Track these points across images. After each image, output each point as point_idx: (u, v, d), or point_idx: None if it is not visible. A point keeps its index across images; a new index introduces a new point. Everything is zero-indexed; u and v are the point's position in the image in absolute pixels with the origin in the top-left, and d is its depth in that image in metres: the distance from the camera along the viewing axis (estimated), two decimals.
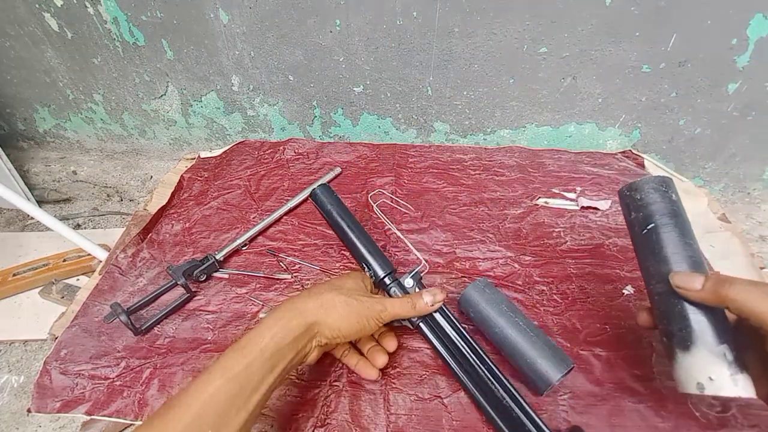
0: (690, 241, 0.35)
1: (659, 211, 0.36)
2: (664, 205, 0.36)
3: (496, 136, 0.81)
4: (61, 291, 0.73)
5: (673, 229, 0.35)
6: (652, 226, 0.35)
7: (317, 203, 0.55)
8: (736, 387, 0.29)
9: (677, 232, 0.35)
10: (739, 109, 0.70)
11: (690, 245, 0.34)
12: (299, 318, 0.36)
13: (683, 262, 0.34)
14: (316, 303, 0.38)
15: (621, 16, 0.62)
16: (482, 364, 0.41)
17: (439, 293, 0.42)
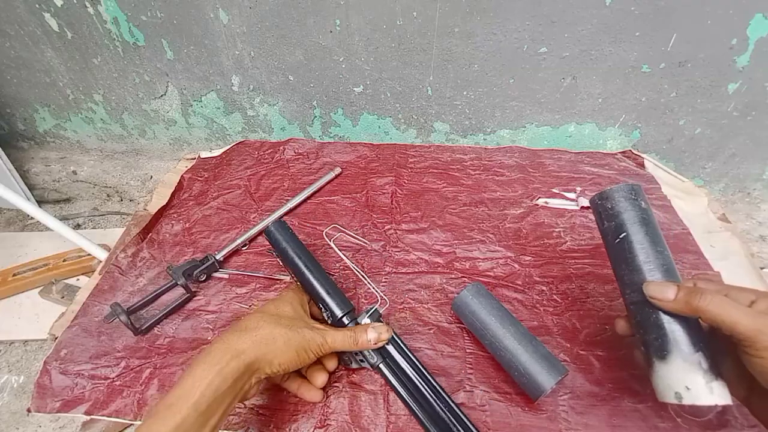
0: (661, 249, 0.35)
1: (630, 220, 0.36)
2: (635, 214, 0.36)
3: (496, 136, 0.81)
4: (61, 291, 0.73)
5: (644, 238, 0.35)
6: (624, 235, 0.36)
7: (271, 241, 0.52)
8: (712, 395, 0.30)
9: (649, 241, 0.35)
10: (739, 109, 0.69)
11: (662, 253, 0.35)
12: (236, 360, 0.34)
13: (656, 271, 0.34)
14: (254, 340, 0.36)
15: (621, 16, 0.62)
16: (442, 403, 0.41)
17: (384, 332, 0.41)
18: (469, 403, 0.42)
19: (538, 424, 0.40)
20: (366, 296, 0.52)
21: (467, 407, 0.42)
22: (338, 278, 0.54)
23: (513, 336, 0.41)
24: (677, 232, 0.59)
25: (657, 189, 0.66)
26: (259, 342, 0.36)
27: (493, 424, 0.40)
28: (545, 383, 0.38)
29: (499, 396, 0.42)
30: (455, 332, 0.48)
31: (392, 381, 0.42)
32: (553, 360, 0.40)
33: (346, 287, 0.53)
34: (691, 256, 0.55)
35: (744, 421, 0.39)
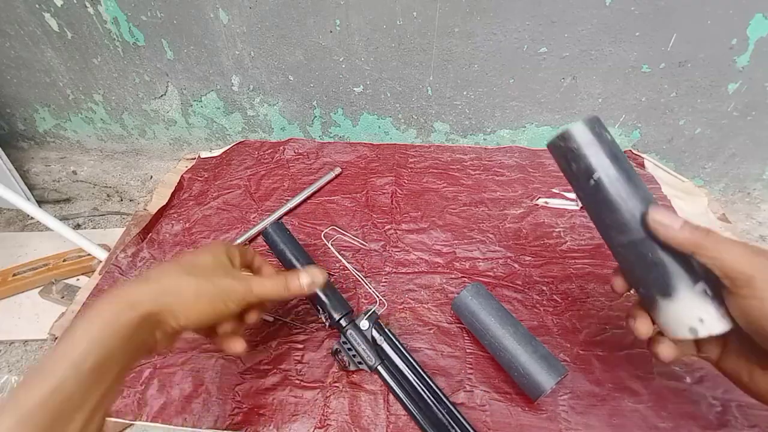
0: (637, 180, 0.32)
1: (601, 157, 0.32)
2: (604, 148, 0.32)
3: (496, 136, 0.81)
4: (61, 291, 0.73)
5: (620, 173, 0.32)
6: (598, 175, 0.32)
7: (269, 242, 0.52)
8: (725, 321, 0.29)
9: (624, 176, 0.32)
10: (739, 109, 0.69)
11: (639, 185, 0.32)
12: (129, 311, 0.29)
13: (640, 204, 0.31)
14: (153, 290, 0.31)
15: (621, 16, 0.62)
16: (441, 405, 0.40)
17: (319, 275, 0.38)
18: (469, 403, 0.42)
19: (538, 424, 0.40)
20: (366, 297, 0.52)
21: (467, 407, 0.42)
22: (338, 279, 0.54)
23: (512, 336, 0.41)
24: None
25: (657, 189, 0.66)
26: (161, 292, 0.31)
27: (493, 424, 0.40)
28: (545, 383, 0.38)
29: (499, 396, 0.42)
30: (455, 332, 0.48)
31: (390, 383, 0.42)
32: (552, 360, 0.40)
33: (346, 288, 0.53)
34: None
35: (744, 420, 0.39)
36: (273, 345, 0.47)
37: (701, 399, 0.41)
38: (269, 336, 0.48)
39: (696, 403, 0.41)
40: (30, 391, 0.24)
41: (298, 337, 0.48)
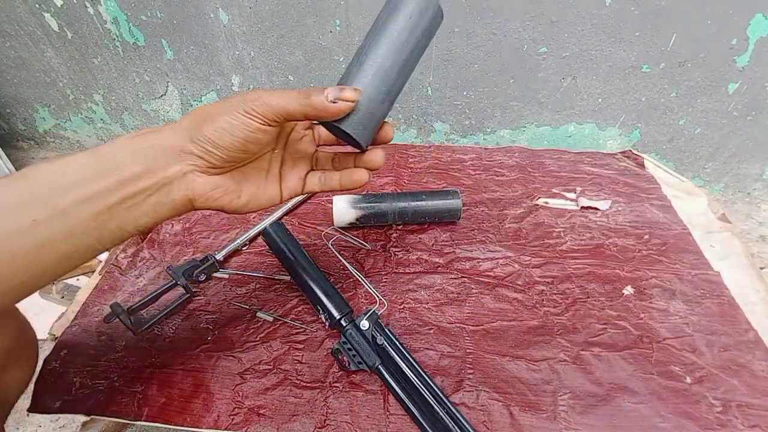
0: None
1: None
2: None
3: (496, 136, 0.81)
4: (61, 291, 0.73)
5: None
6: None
7: (269, 242, 0.52)
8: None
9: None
10: (739, 109, 0.70)
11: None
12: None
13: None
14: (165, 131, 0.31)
15: (621, 16, 0.62)
16: (441, 405, 0.40)
17: (349, 91, 0.32)
18: (469, 403, 0.42)
19: (538, 424, 0.40)
20: (366, 297, 0.52)
21: (467, 407, 0.42)
22: (338, 279, 0.54)
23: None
24: (677, 232, 0.59)
25: (657, 189, 0.66)
26: (182, 125, 0.31)
27: (492, 424, 0.40)
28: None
29: (499, 396, 0.42)
30: (455, 332, 0.48)
31: (390, 383, 0.42)
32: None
33: (346, 287, 0.53)
34: (691, 256, 0.55)
35: (744, 420, 0.39)
36: (273, 345, 0.47)
37: (701, 399, 0.41)
38: (269, 336, 0.48)
39: (696, 403, 0.41)
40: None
41: (298, 337, 0.48)
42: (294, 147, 0.38)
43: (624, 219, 0.61)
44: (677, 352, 0.45)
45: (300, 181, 0.38)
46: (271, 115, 0.31)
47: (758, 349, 0.45)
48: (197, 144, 0.30)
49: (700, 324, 0.48)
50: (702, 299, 0.50)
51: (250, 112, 0.30)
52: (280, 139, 0.37)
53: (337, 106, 0.31)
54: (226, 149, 0.31)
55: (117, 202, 0.28)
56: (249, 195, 0.35)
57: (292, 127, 0.38)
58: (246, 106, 0.30)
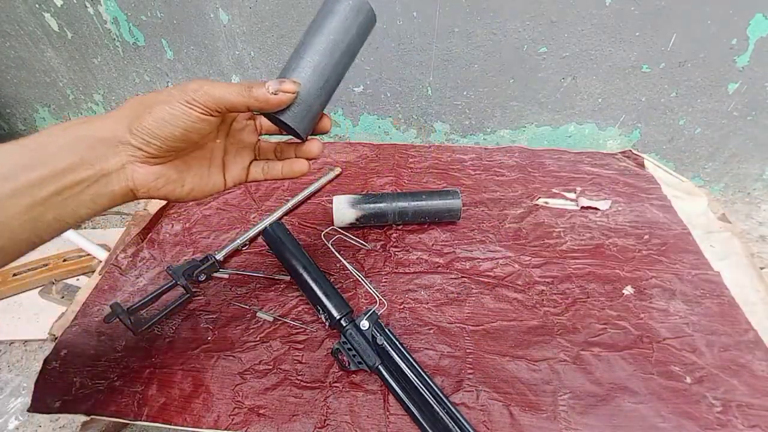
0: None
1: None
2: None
3: (496, 136, 0.81)
4: (61, 291, 0.73)
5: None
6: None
7: (269, 242, 0.52)
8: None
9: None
10: (739, 109, 0.70)
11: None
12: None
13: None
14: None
15: (621, 16, 0.62)
16: (441, 405, 0.40)
17: (289, 83, 0.33)
18: (469, 403, 0.42)
19: (537, 424, 0.40)
20: (366, 297, 0.52)
21: (467, 407, 0.42)
22: (338, 279, 0.54)
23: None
24: (677, 232, 0.59)
25: (657, 189, 0.66)
26: (115, 116, 0.30)
27: (492, 424, 0.40)
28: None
29: (499, 396, 0.42)
30: (455, 332, 0.48)
31: (390, 383, 0.42)
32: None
33: (346, 287, 0.53)
34: (691, 256, 0.55)
35: (744, 420, 0.39)
36: (273, 345, 0.47)
37: (701, 399, 0.41)
38: (269, 336, 0.48)
39: (696, 403, 0.41)
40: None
41: (298, 337, 0.48)
42: (236, 137, 0.39)
43: (624, 219, 0.61)
44: (677, 352, 0.45)
45: (243, 170, 0.39)
46: (213, 106, 0.31)
47: (758, 349, 0.45)
48: (136, 135, 0.30)
49: (700, 324, 0.48)
50: (702, 299, 0.50)
51: (192, 102, 0.30)
52: (222, 129, 0.38)
53: (278, 97, 0.32)
54: (166, 139, 0.31)
55: (52, 193, 0.28)
56: (192, 184, 0.35)
57: (234, 117, 0.38)
58: (187, 96, 0.30)
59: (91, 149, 0.29)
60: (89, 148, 0.29)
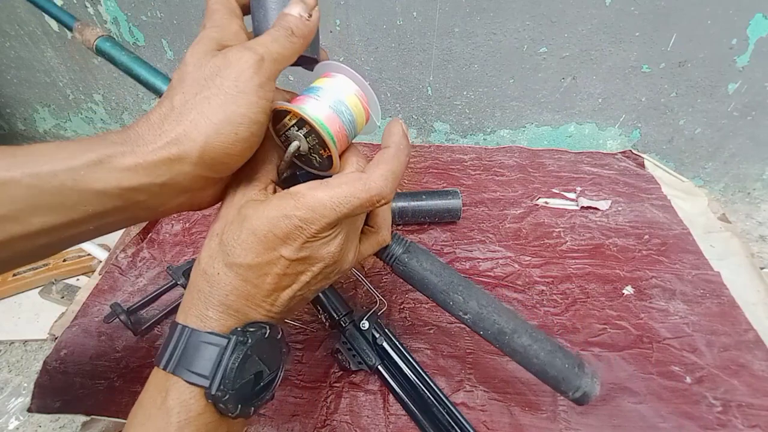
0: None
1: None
2: None
3: (496, 136, 0.81)
4: (61, 291, 0.73)
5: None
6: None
7: None
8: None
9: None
10: (739, 109, 0.69)
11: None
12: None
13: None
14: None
15: (621, 16, 0.62)
16: (441, 405, 0.40)
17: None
18: (469, 403, 0.42)
19: (537, 424, 0.40)
20: (366, 297, 0.52)
21: (467, 407, 0.42)
22: (338, 279, 0.54)
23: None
24: (677, 232, 0.59)
25: (657, 189, 0.66)
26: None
27: (492, 424, 0.40)
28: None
29: (499, 396, 0.42)
30: (455, 332, 0.48)
31: (391, 383, 0.42)
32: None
33: (346, 288, 0.53)
34: (691, 256, 0.55)
35: (744, 420, 0.39)
36: None
37: (701, 399, 0.41)
38: None
39: (696, 403, 0.41)
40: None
41: (298, 337, 0.48)
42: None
43: (624, 219, 0.61)
44: (677, 352, 0.45)
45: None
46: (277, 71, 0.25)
47: (758, 349, 0.45)
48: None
49: (700, 324, 0.48)
50: (702, 299, 0.50)
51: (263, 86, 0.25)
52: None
53: (314, 20, 0.27)
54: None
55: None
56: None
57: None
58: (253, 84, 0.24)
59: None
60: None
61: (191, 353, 0.24)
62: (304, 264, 0.26)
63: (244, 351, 0.24)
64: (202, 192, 0.27)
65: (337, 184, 0.24)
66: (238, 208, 0.26)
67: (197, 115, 0.23)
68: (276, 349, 0.27)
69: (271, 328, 0.26)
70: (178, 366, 0.24)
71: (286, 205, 0.24)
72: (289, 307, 0.28)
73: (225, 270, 0.25)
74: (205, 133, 0.23)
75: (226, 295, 0.25)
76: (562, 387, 0.30)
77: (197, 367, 0.23)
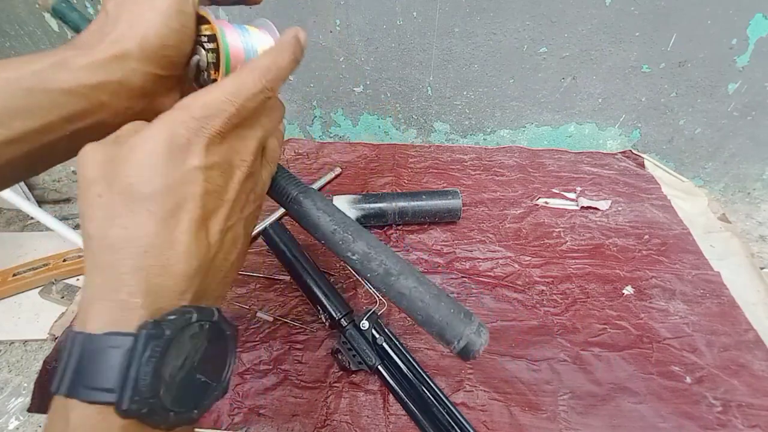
0: None
1: None
2: None
3: (496, 136, 0.81)
4: (61, 291, 0.73)
5: None
6: None
7: (269, 242, 0.52)
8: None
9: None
10: (739, 109, 0.70)
11: None
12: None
13: None
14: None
15: (621, 16, 0.62)
16: (441, 405, 0.40)
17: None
18: (469, 403, 0.42)
19: (537, 424, 0.40)
20: (366, 297, 0.52)
21: (467, 407, 0.42)
22: (338, 279, 0.54)
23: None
24: (677, 232, 0.59)
25: (657, 189, 0.66)
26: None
27: (492, 424, 0.40)
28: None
29: (499, 396, 0.42)
30: None
31: (391, 383, 0.42)
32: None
33: (346, 287, 0.53)
34: (691, 256, 0.55)
35: (744, 420, 0.39)
36: (273, 345, 0.47)
37: (701, 399, 0.41)
38: (269, 336, 0.48)
39: (696, 403, 0.41)
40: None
41: (298, 337, 0.48)
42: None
43: (624, 219, 0.61)
44: (677, 352, 0.45)
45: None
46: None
47: (758, 349, 0.45)
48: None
49: (700, 324, 0.48)
50: (702, 299, 0.50)
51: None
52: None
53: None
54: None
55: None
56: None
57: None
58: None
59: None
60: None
61: (88, 365, 0.19)
62: (223, 174, 0.23)
63: (162, 347, 0.19)
64: (161, 97, 0.28)
65: (222, 82, 0.23)
66: (115, 143, 0.22)
67: (130, 15, 0.26)
68: (213, 332, 0.22)
69: (198, 311, 0.21)
70: (74, 385, 0.19)
71: (178, 115, 0.22)
72: (225, 250, 0.24)
73: (130, 217, 0.20)
74: (141, 28, 0.25)
75: (143, 254, 0.20)
76: (447, 335, 0.28)
77: (93, 381, 0.19)
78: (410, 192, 0.59)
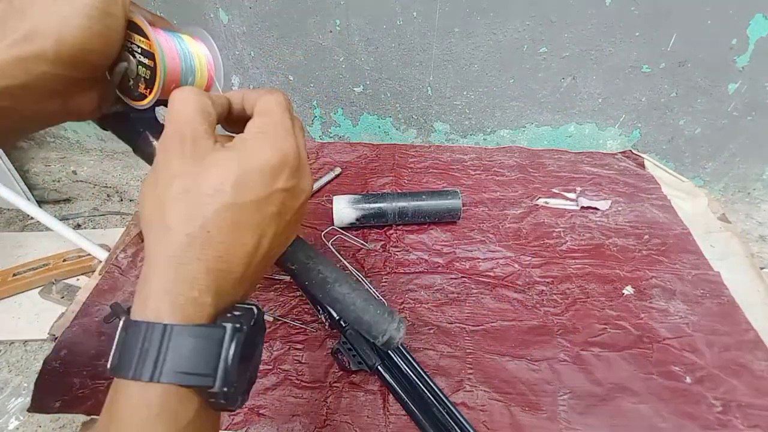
0: None
1: None
2: None
3: (496, 136, 0.81)
4: (61, 291, 0.73)
5: None
6: None
7: None
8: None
9: None
10: (739, 109, 0.70)
11: None
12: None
13: None
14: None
15: (621, 16, 0.62)
16: (441, 405, 0.40)
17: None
18: (469, 403, 0.42)
19: (537, 424, 0.40)
20: None
21: (467, 407, 0.42)
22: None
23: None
24: (677, 232, 0.59)
25: (657, 189, 0.66)
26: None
27: (492, 424, 0.41)
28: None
29: (499, 396, 0.42)
30: (455, 332, 0.48)
31: (391, 383, 0.42)
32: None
33: None
34: (691, 256, 0.55)
35: (744, 420, 0.39)
36: (273, 345, 0.47)
37: (701, 399, 0.41)
38: (269, 336, 0.48)
39: (696, 403, 0.41)
40: None
41: (298, 337, 0.48)
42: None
43: (624, 219, 0.61)
44: (677, 352, 0.45)
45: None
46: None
47: (758, 349, 0.45)
48: None
49: (700, 324, 0.48)
50: (702, 299, 0.50)
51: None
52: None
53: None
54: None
55: None
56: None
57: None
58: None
59: None
60: None
61: (180, 353, 0.20)
62: (292, 197, 0.25)
63: (243, 339, 0.21)
64: (77, 97, 0.25)
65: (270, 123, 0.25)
66: (198, 152, 0.22)
67: (42, 8, 0.21)
68: (263, 329, 0.25)
69: (257, 310, 0.24)
70: (168, 372, 0.20)
71: (271, 144, 0.24)
72: (266, 263, 0.26)
73: (214, 221, 0.21)
74: (56, 28, 0.21)
75: (217, 259, 0.21)
76: (373, 332, 0.33)
77: (193, 368, 0.20)
78: (410, 192, 0.59)
